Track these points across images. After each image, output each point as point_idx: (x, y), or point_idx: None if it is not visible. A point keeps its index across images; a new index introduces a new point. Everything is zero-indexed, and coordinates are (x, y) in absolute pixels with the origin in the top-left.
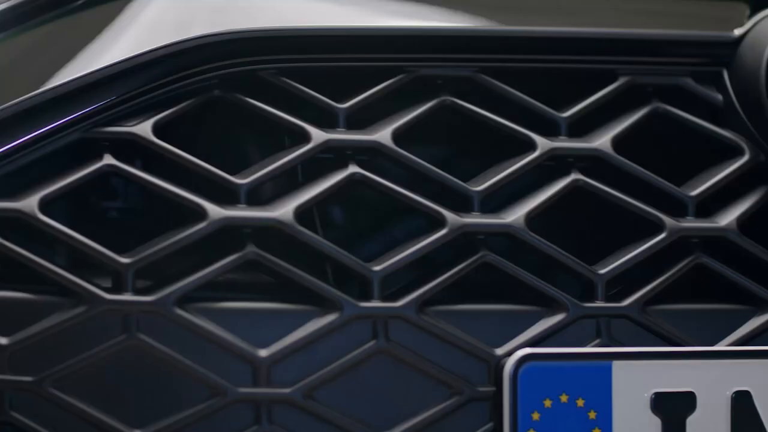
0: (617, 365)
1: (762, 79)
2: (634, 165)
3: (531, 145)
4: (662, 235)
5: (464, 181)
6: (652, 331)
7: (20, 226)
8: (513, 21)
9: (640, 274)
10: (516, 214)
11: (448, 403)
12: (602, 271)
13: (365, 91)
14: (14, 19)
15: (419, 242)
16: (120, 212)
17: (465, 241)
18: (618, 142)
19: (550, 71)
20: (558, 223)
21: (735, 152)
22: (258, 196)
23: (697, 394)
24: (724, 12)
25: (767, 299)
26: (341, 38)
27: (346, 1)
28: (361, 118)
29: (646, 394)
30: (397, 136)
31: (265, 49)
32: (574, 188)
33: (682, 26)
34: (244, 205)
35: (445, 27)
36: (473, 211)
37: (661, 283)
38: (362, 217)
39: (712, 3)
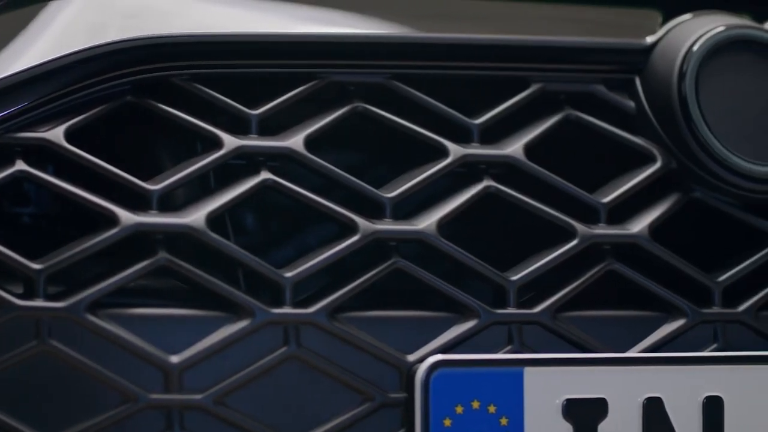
0: (529, 371)
1: (674, 86)
2: (546, 171)
3: (443, 152)
4: (574, 242)
5: (377, 188)
6: (563, 338)
7: None
8: (426, 28)
9: (553, 280)
10: (428, 221)
11: (359, 409)
12: (514, 278)
13: (278, 97)
14: None
15: (331, 248)
16: (32, 218)
17: (377, 248)
18: (530, 149)
19: (463, 78)
20: (473, 230)
21: (647, 159)
22: (170, 202)
23: (608, 401)
24: (637, 19)
25: (678, 306)
26: (254, 44)
27: (261, 7)
28: (274, 125)
29: (557, 401)
30: (309, 142)
31: (177, 54)
32: (486, 195)
33: (595, 33)
34: (156, 212)
35: (357, 33)
36: (385, 217)
37: (572, 289)
38: (275, 224)
39: (625, 10)
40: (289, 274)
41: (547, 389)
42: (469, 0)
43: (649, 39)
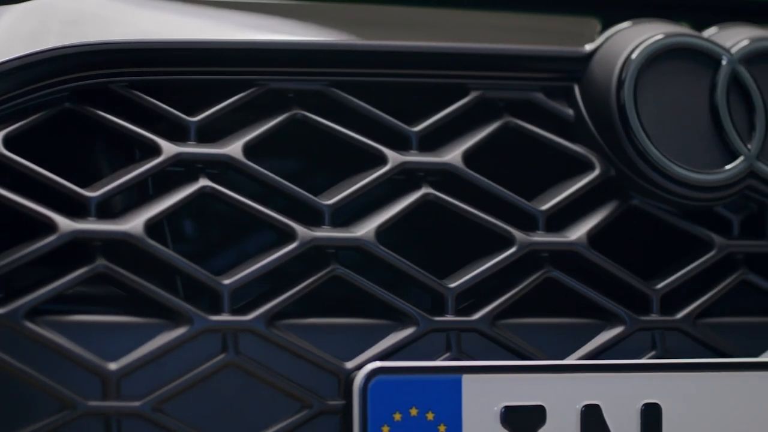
0: (467, 379)
1: (612, 94)
2: (484, 179)
3: (382, 159)
4: (512, 249)
5: (316, 195)
6: (501, 345)
7: None
8: (365, 35)
9: (493, 287)
10: (366, 228)
11: (297, 416)
12: (452, 285)
13: (217, 104)
14: None
15: (269, 256)
16: None
17: (316, 255)
18: (469, 156)
19: (403, 85)
20: (413, 237)
21: (585, 167)
22: (109, 209)
23: (546, 408)
24: (576, 27)
25: (617, 313)
26: (193, 51)
27: (201, 14)
28: (213, 132)
29: (496, 408)
30: (248, 149)
31: (116, 61)
32: (424, 202)
33: (535, 41)
34: (94, 218)
35: (295, 41)
36: (324, 224)
37: (510, 297)
38: (214, 231)
39: (565, 18)
40: (227, 282)
41: (486, 396)
42: (409, 8)
43: (588, 47)
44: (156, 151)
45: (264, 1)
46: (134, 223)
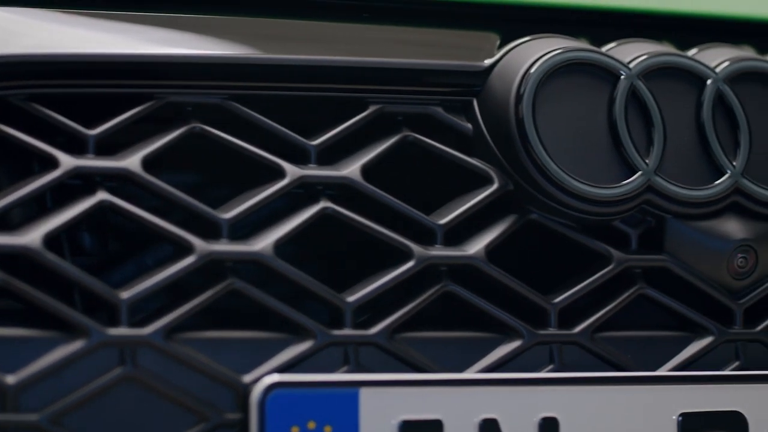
0: (365, 392)
1: (511, 108)
2: (382, 193)
3: (280, 173)
4: (410, 263)
5: (215, 208)
6: (399, 359)
7: None
8: (265, 49)
9: (393, 301)
10: (264, 242)
11: (195, 429)
12: (351, 299)
13: (116, 117)
14: None
15: (167, 269)
16: None
17: (214, 268)
18: (369, 170)
19: (302, 99)
20: (313, 250)
21: (484, 181)
22: (7, 221)
23: (444, 422)
24: (476, 42)
25: (514, 327)
26: (92, 64)
27: (102, 27)
28: (113, 145)
29: (393, 421)
30: (147, 162)
31: (16, 74)
32: (322, 215)
33: (434, 56)
34: None
35: (194, 54)
36: (223, 238)
37: (409, 311)
38: (113, 244)
39: (465, 33)
40: (126, 295)
41: (383, 410)
42: (309, 21)
43: (487, 61)
44: (54, 163)
45: (165, 15)
46: (33, 236)
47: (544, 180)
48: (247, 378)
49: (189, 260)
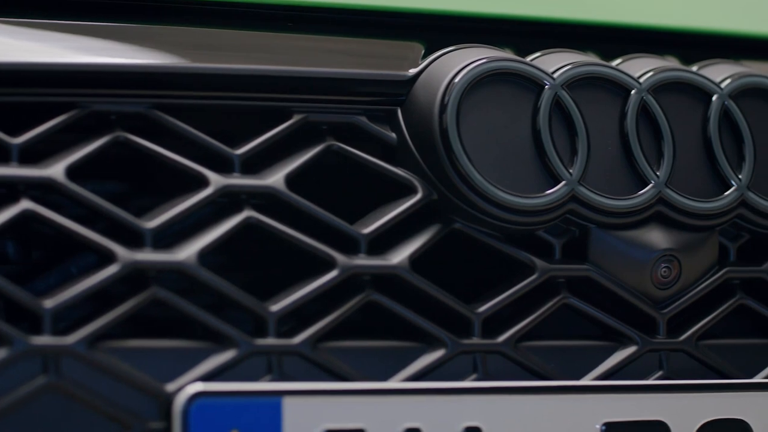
0: (288, 401)
1: (435, 118)
2: (306, 202)
3: (204, 182)
4: (334, 273)
5: (140, 217)
6: (323, 368)
7: None
8: (190, 58)
9: (318, 309)
10: (189, 251)
11: None
12: (274, 309)
13: (41, 126)
14: None
15: (91, 278)
16: None
17: (138, 277)
18: (292, 179)
19: (227, 108)
20: (238, 259)
21: (408, 190)
22: None
23: (367, 431)
24: (400, 51)
25: (438, 336)
26: (16, 73)
27: (27, 36)
28: (37, 153)
29: (316, 430)
30: (71, 171)
31: None
32: (246, 225)
33: (358, 65)
34: None
35: (118, 63)
36: (146, 247)
37: (332, 320)
38: (37, 252)
39: (390, 42)
40: (49, 304)
41: (307, 419)
42: (234, 31)
43: (411, 71)
44: None
45: (89, 23)
46: None
47: (467, 189)
48: (171, 387)
49: (112, 269)
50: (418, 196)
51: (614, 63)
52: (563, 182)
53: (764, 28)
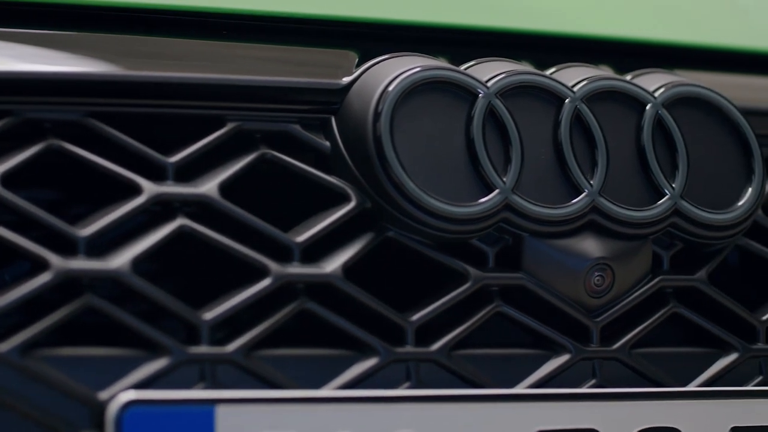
0: (221, 409)
1: (369, 126)
2: (239, 210)
3: (137, 190)
4: (267, 281)
5: (74, 225)
6: (256, 376)
7: None
8: (125, 66)
9: (254, 317)
10: (122, 259)
11: None
12: (207, 317)
13: None
14: None
15: (23, 286)
16: None
17: (71, 285)
18: (226, 187)
19: (161, 116)
20: (175, 268)
21: (342, 199)
22: None
23: None
24: (334, 59)
25: (371, 345)
26: None
27: None
28: None
29: None
30: (5, 178)
31: None
32: (180, 233)
33: (292, 73)
34: None
35: (51, 70)
36: (80, 254)
37: (266, 328)
38: None
39: (324, 50)
40: None
41: (240, 427)
42: (168, 39)
43: (345, 79)
44: None
45: (22, 30)
46: None
47: (401, 198)
48: (104, 395)
49: (45, 277)
50: (352, 204)
51: (548, 72)
52: (497, 191)
53: (698, 38)
